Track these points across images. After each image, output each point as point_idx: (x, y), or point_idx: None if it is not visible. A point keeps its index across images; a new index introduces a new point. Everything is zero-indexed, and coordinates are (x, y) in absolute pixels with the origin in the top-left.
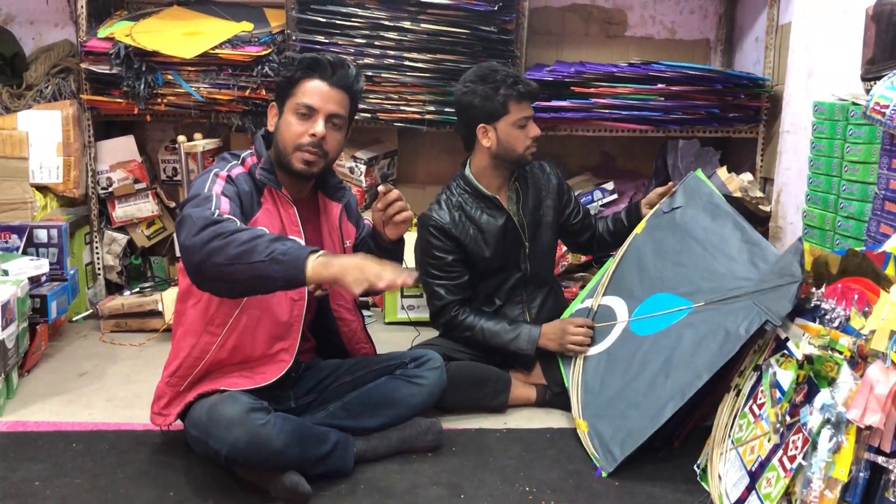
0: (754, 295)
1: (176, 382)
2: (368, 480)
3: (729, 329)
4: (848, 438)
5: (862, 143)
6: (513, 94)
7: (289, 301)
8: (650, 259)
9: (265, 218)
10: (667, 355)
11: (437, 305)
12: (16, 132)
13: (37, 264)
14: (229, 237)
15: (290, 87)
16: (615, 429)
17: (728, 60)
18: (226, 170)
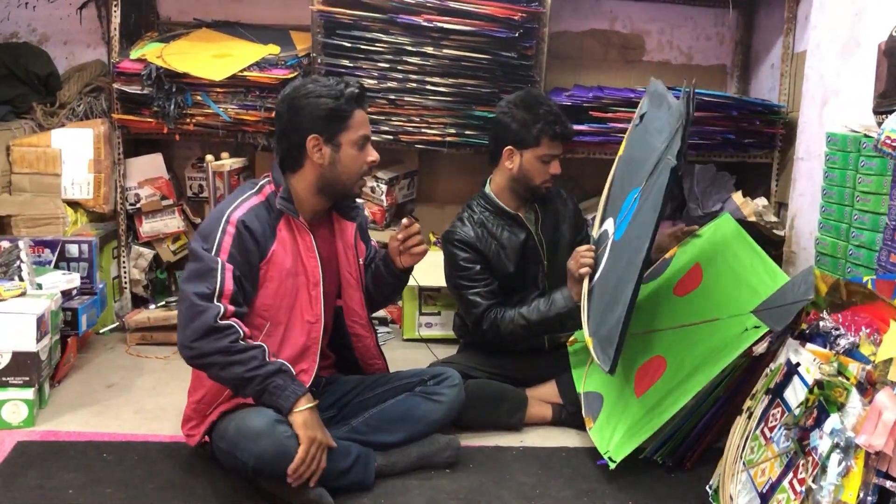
0: (662, 152)
1: (202, 408)
2: (388, 494)
3: (654, 192)
4: (857, 463)
5: (873, 174)
6: (548, 132)
7: (306, 324)
8: (623, 169)
9: (281, 249)
10: (627, 242)
11: (475, 314)
12: (50, 149)
13: (69, 278)
14: (232, 357)
15: (342, 122)
16: (606, 327)
17: (744, 86)
18: (240, 206)
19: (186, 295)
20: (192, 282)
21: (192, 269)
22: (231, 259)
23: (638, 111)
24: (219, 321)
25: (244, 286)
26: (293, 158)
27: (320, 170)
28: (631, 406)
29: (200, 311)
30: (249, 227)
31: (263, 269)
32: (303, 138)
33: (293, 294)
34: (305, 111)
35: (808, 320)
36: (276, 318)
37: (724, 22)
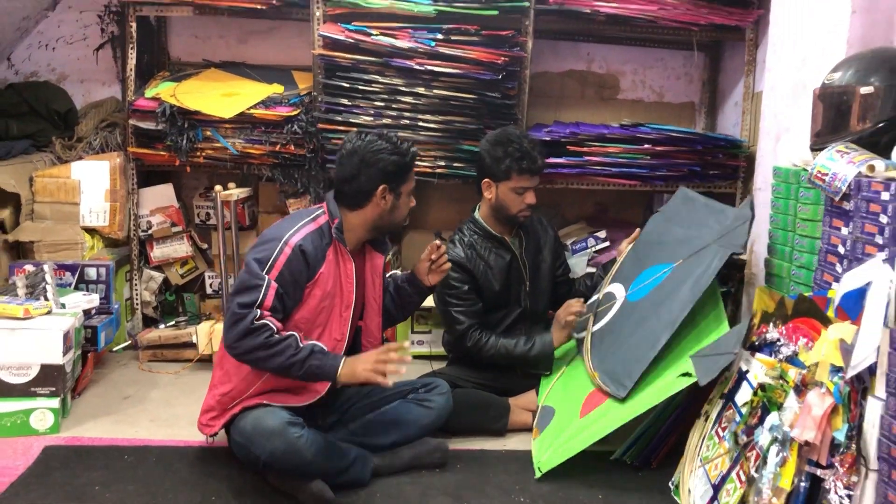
0: (717, 240)
1: (227, 401)
2: (383, 490)
3: (703, 267)
4: (792, 454)
5: (810, 203)
6: (514, 167)
7: (332, 341)
8: (641, 248)
9: (326, 272)
10: (656, 302)
11: (458, 330)
12: (69, 180)
13: (88, 299)
14: (271, 350)
15: (406, 175)
16: (622, 364)
17: (711, 122)
18: (298, 231)
19: (232, 304)
20: (239, 294)
21: (241, 280)
22: (279, 277)
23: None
24: (254, 322)
25: (285, 302)
26: (357, 200)
27: (381, 212)
28: (572, 425)
29: (240, 318)
30: (305, 251)
31: (309, 287)
32: (374, 186)
33: (328, 312)
34: (380, 165)
35: (758, 333)
36: (310, 331)
37: (692, 63)
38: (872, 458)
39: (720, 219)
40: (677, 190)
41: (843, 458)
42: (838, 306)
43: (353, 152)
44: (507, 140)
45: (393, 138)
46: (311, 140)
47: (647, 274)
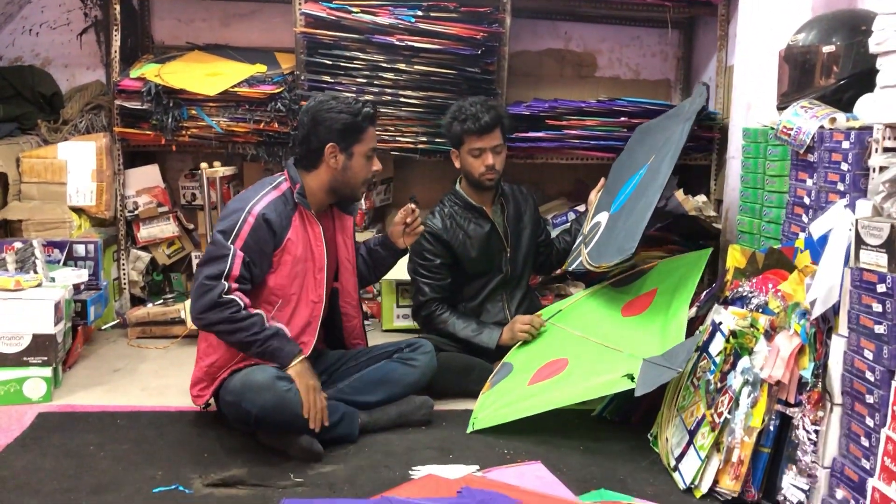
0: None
1: (214, 371)
2: (371, 445)
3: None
4: (762, 394)
5: (778, 160)
6: (460, 130)
7: (310, 304)
8: (611, 184)
9: (294, 237)
10: (640, 190)
11: (420, 300)
12: (56, 161)
13: (77, 273)
14: (235, 325)
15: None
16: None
17: (686, 97)
18: (261, 200)
19: (199, 275)
20: (205, 265)
21: (208, 252)
22: (245, 247)
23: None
24: (222, 296)
25: (252, 270)
26: (311, 160)
27: (333, 173)
28: (517, 391)
29: (208, 290)
30: (269, 220)
31: (278, 255)
32: (322, 145)
33: (302, 277)
34: (327, 123)
35: (731, 288)
36: (287, 297)
37: (667, 40)
38: (837, 393)
39: (678, 112)
40: None
41: (810, 395)
42: (804, 253)
43: (306, 111)
44: (459, 106)
45: (348, 99)
46: (295, 118)
47: (624, 188)
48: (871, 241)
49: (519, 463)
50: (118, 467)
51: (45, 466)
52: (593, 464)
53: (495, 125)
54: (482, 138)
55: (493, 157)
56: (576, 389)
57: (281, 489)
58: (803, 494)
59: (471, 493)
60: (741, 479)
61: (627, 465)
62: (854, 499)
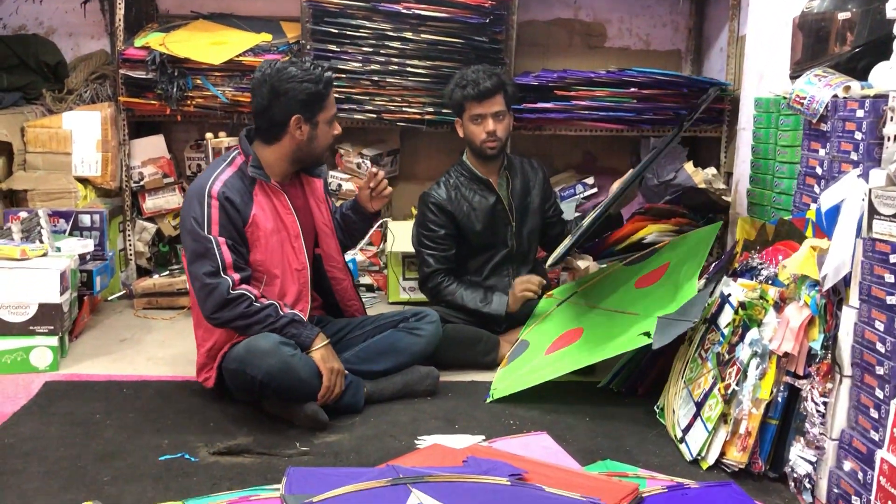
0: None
1: (214, 353)
2: (377, 414)
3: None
4: (771, 366)
5: (790, 129)
6: (460, 97)
7: (295, 273)
8: None
9: (260, 212)
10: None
11: (425, 272)
12: (61, 130)
13: (83, 243)
14: (250, 319)
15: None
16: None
17: (697, 68)
18: (217, 179)
19: (197, 275)
20: (196, 263)
21: (192, 249)
22: (222, 230)
23: None
24: (230, 292)
25: (239, 250)
26: (272, 133)
27: (298, 144)
28: (535, 360)
29: (213, 288)
30: (230, 198)
31: (249, 231)
32: (287, 117)
33: (280, 248)
34: (289, 94)
35: (740, 260)
36: (270, 271)
37: (678, 10)
38: (846, 364)
39: None
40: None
41: (819, 367)
42: (816, 224)
43: (262, 82)
44: (460, 75)
45: (306, 64)
46: None
47: None
48: (884, 211)
49: (525, 433)
50: (124, 435)
51: (52, 434)
52: (599, 434)
53: (496, 91)
54: (482, 104)
55: (493, 123)
56: (594, 351)
57: (286, 458)
58: (811, 466)
59: (476, 462)
60: (748, 451)
61: (634, 436)
62: (862, 470)
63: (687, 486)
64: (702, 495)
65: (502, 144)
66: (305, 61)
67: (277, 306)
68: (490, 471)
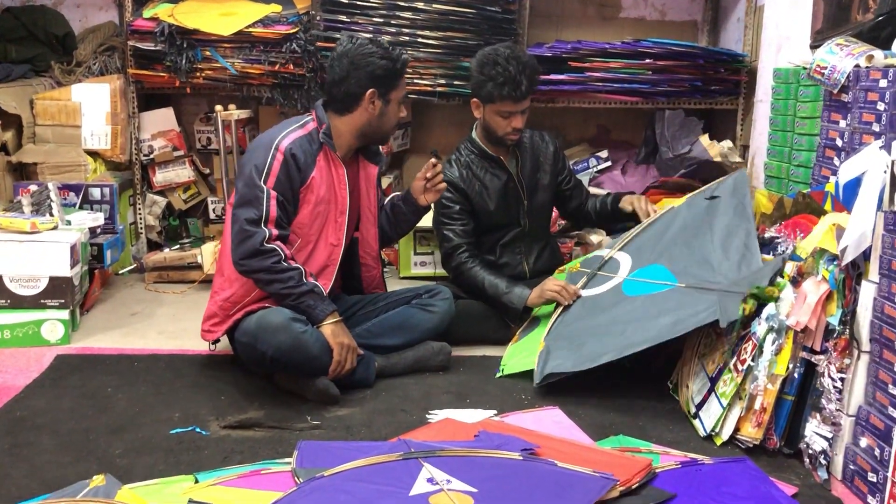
0: (722, 294)
1: (228, 306)
2: (388, 389)
3: (688, 313)
4: (787, 341)
5: (809, 100)
6: (496, 93)
7: (329, 246)
8: (671, 232)
9: (318, 177)
10: (634, 317)
11: (447, 248)
12: (70, 103)
13: (94, 217)
14: (274, 275)
15: (395, 81)
16: (557, 355)
17: (713, 40)
18: (287, 136)
19: (238, 218)
20: (241, 207)
21: (242, 194)
22: (277, 185)
23: (713, 188)
24: (264, 244)
25: (287, 209)
26: (346, 104)
27: (369, 118)
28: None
29: (249, 235)
30: (295, 156)
31: (302, 193)
32: (363, 90)
33: (323, 218)
34: (368, 68)
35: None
36: (306, 237)
37: None
38: (865, 340)
39: (745, 262)
40: (737, 173)
41: (837, 342)
42: (834, 197)
43: (343, 55)
44: (494, 61)
45: (384, 43)
46: (311, 59)
47: (653, 270)
48: None
49: (536, 408)
50: (135, 409)
51: (63, 407)
52: (612, 410)
53: (532, 90)
54: (516, 104)
55: (521, 119)
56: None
57: (298, 431)
58: (826, 442)
59: (488, 437)
60: (763, 427)
61: (646, 411)
62: (879, 447)
63: (701, 462)
64: (716, 471)
65: (521, 134)
66: (383, 42)
67: (303, 272)
68: (502, 445)
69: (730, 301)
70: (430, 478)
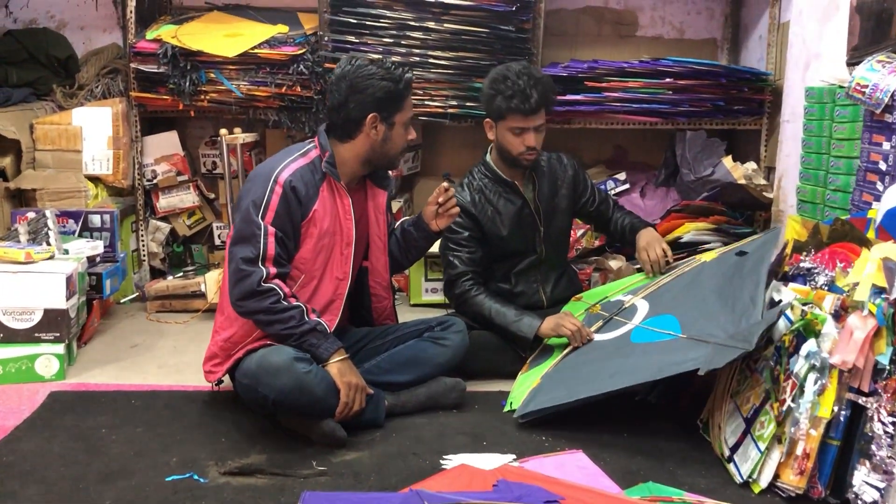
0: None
1: (229, 346)
2: (399, 430)
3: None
4: (831, 381)
5: (847, 121)
6: (505, 107)
7: (335, 280)
8: (691, 285)
9: (321, 209)
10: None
11: (451, 275)
12: (71, 127)
13: (92, 245)
14: (274, 316)
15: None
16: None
17: (734, 58)
18: (287, 167)
19: (234, 257)
20: (238, 245)
21: (238, 229)
22: (276, 220)
23: (747, 244)
24: (262, 284)
25: (287, 245)
26: (347, 131)
27: (372, 144)
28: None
29: (246, 275)
30: (295, 188)
31: (304, 227)
32: (363, 115)
33: (328, 251)
34: (368, 91)
35: (790, 263)
36: (310, 272)
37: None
38: None
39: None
40: (774, 230)
41: (887, 383)
42: (880, 225)
43: (341, 78)
44: (503, 77)
45: (386, 63)
46: (318, 81)
47: (662, 321)
48: None
49: (558, 452)
50: (130, 452)
51: (54, 451)
52: (639, 453)
53: (542, 106)
54: (527, 119)
55: (535, 137)
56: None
57: (302, 478)
58: (878, 493)
59: (508, 487)
60: (807, 475)
61: (676, 454)
62: None
63: None
64: None
65: (538, 154)
66: (386, 61)
67: (304, 310)
68: (523, 497)
69: (719, 353)
70: None
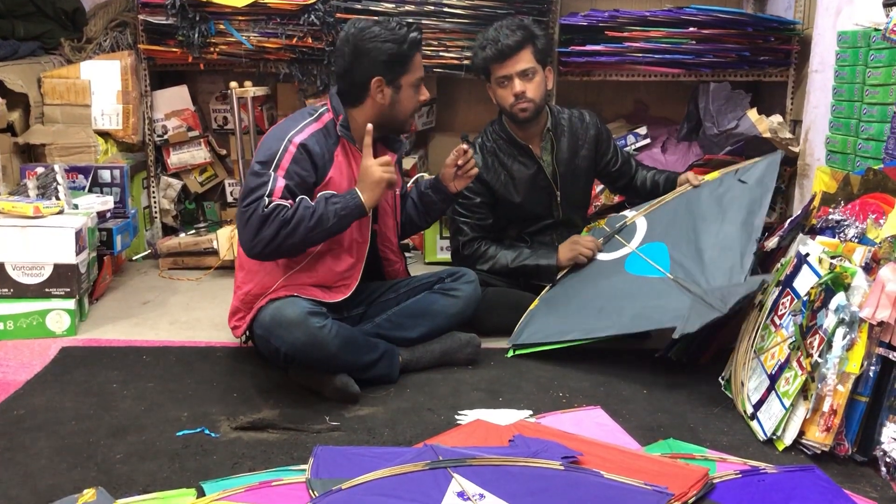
0: (696, 299)
1: (250, 300)
2: (414, 385)
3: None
4: (861, 336)
5: (882, 66)
6: (480, 59)
7: (355, 244)
8: (688, 210)
9: (337, 173)
10: (615, 296)
11: (459, 241)
12: (79, 81)
13: (102, 200)
14: (290, 224)
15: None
16: (538, 321)
17: (760, 6)
18: (302, 131)
19: (239, 206)
20: (245, 196)
21: (246, 185)
22: (287, 175)
23: (745, 170)
24: (265, 209)
25: (295, 195)
26: (354, 95)
27: (380, 108)
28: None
29: (250, 213)
30: (310, 151)
31: (320, 191)
32: (367, 79)
33: None
34: (371, 54)
35: (818, 216)
36: (337, 238)
37: None
38: None
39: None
40: (774, 155)
41: None
42: None
43: (345, 41)
44: (481, 36)
45: (391, 23)
46: (330, 32)
47: (656, 250)
48: None
49: (576, 408)
50: (141, 407)
51: (65, 405)
52: (659, 409)
53: (520, 47)
54: (504, 64)
55: (521, 83)
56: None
57: (315, 433)
58: None
59: (524, 443)
60: (833, 432)
61: (697, 411)
62: None
63: (763, 471)
64: (781, 481)
65: (537, 106)
66: (391, 21)
67: (306, 198)
68: (540, 453)
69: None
70: (460, 491)
